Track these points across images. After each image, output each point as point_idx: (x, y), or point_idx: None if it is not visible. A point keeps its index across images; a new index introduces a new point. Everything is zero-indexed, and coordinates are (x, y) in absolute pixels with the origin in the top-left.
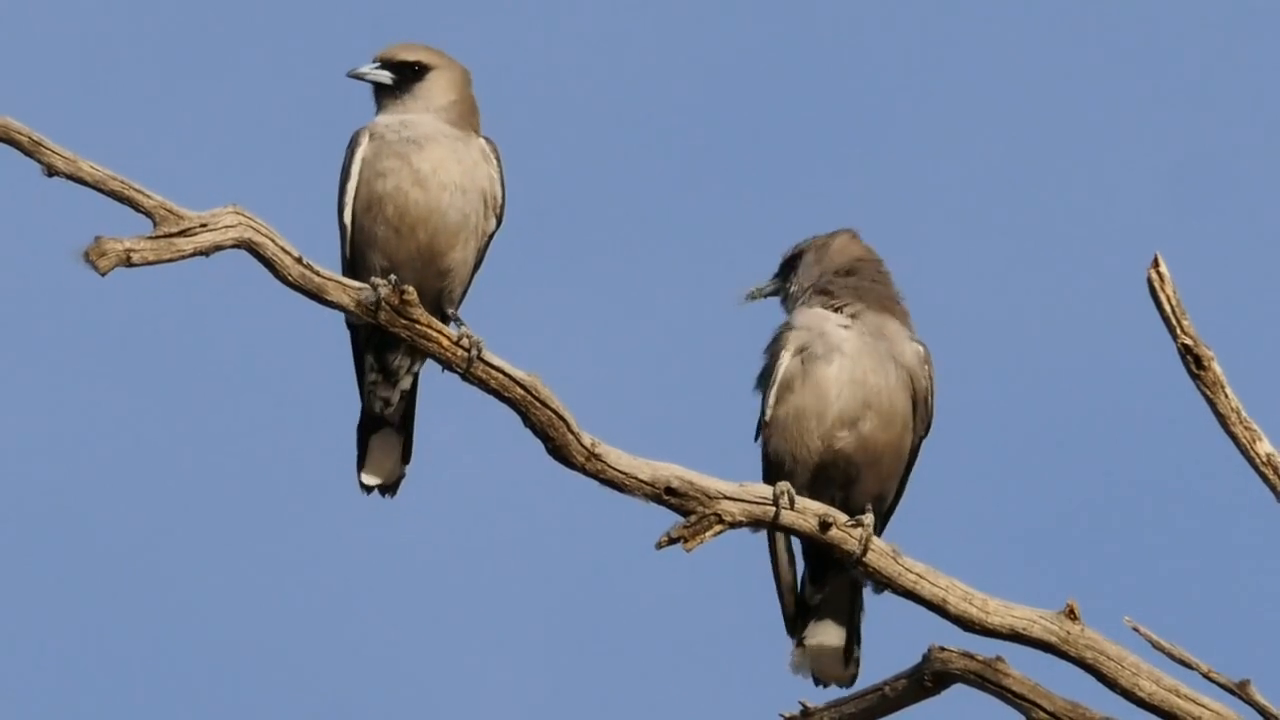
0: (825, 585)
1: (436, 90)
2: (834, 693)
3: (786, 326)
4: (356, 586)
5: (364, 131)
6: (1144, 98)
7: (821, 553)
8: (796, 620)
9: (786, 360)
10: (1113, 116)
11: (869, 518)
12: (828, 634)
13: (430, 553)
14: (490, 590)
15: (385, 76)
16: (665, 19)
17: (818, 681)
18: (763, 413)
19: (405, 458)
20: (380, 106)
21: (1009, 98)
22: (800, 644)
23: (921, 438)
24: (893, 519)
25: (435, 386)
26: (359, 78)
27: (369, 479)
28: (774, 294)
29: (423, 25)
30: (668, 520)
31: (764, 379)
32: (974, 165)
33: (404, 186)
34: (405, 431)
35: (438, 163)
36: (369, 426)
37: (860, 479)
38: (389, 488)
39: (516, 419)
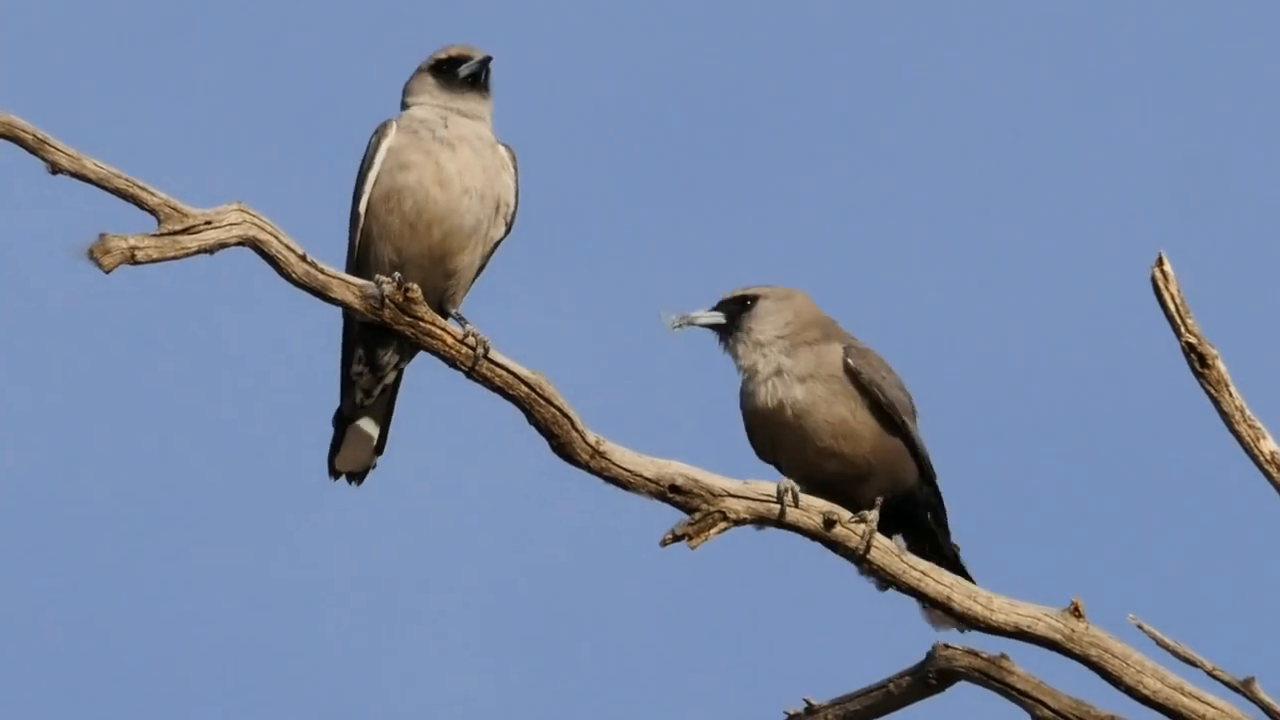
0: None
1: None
2: (838, 690)
3: (748, 384)
4: (351, 583)
5: (391, 122)
6: (1144, 98)
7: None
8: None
9: (748, 410)
10: (1114, 116)
11: (873, 514)
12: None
13: (430, 552)
14: (495, 590)
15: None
16: (662, 16)
17: (961, 629)
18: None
19: (379, 449)
20: (412, 92)
21: (1010, 97)
22: (925, 606)
23: (906, 423)
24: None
25: (424, 381)
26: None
27: (340, 465)
28: (713, 326)
29: (425, 24)
30: (672, 518)
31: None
32: (976, 165)
33: (426, 183)
34: (383, 424)
35: (463, 166)
36: (347, 416)
37: (864, 483)
38: (357, 476)
39: (517, 415)
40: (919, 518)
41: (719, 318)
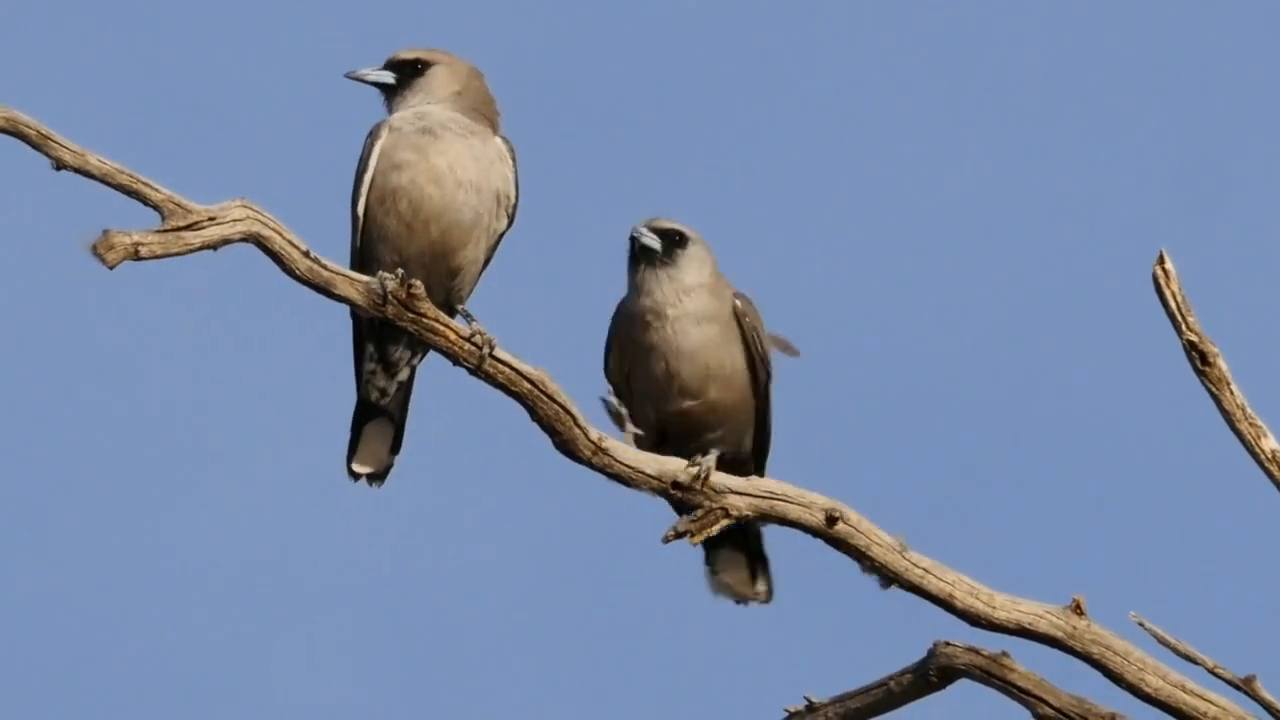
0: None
1: (437, 83)
2: (838, 687)
3: (635, 303)
4: (358, 585)
5: (384, 124)
6: (1146, 95)
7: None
8: (709, 550)
9: (628, 332)
10: (1115, 114)
11: (708, 459)
12: (732, 558)
13: (431, 549)
14: (495, 589)
15: (387, 77)
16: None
17: (737, 601)
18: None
19: (395, 448)
20: (391, 108)
21: (1011, 94)
22: (713, 571)
23: (766, 384)
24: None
25: (434, 378)
26: (359, 80)
27: (359, 467)
28: (647, 250)
29: (430, 26)
30: (674, 515)
31: (608, 348)
32: (977, 163)
33: (419, 181)
34: (398, 422)
35: (454, 159)
36: (362, 415)
37: (709, 433)
38: (377, 476)
39: (520, 412)
40: None
41: (656, 243)
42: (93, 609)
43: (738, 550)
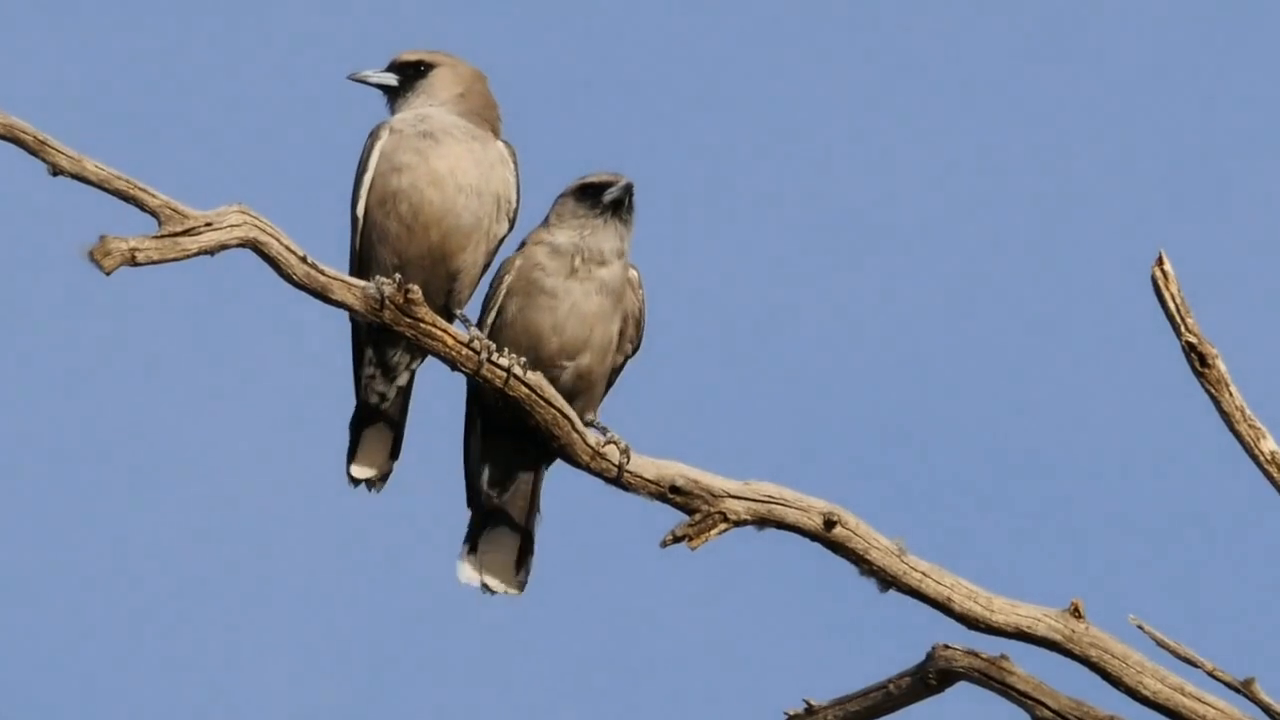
0: (508, 488)
1: (439, 85)
2: (838, 690)
3: (528, 255)
4: (353, 583)
5: (385, 125)
6: (1145, 96)
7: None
8: (475, 526)
9: (508, 290)
10: (1114, 114)
11: (619, 437)
12: (502, 541)
13: (432, 552)
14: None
15: (390, 79)
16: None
17: (484, 589)
18: (481, 324)
19: (395, 453)
20: (393, 110)
21: (1011, 93)
22: (473, 550)
23: (629, 357)
24: None
25: (433, 383)
26: (361, 81)
27: (359, 472)
28: (623, 198)
29: (431, 24)
30: (672, 519)
31: (487, 302)
32: (977, 163)
33: (419, 185)
34: (398, 427)
35: (455, 163)
36: (362, 419)
37: (572, 402)
38: (377, 482)
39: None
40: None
41: (620, 197)
42: (88, 610)
43: (514, 531)
